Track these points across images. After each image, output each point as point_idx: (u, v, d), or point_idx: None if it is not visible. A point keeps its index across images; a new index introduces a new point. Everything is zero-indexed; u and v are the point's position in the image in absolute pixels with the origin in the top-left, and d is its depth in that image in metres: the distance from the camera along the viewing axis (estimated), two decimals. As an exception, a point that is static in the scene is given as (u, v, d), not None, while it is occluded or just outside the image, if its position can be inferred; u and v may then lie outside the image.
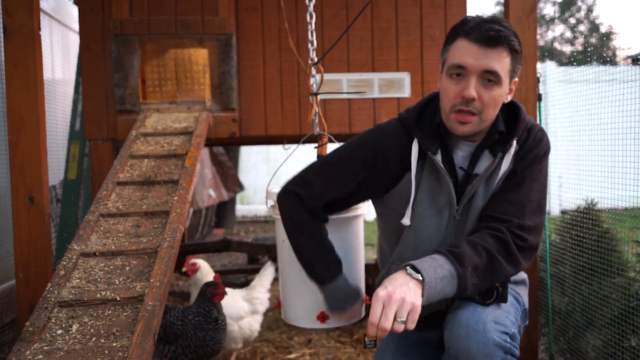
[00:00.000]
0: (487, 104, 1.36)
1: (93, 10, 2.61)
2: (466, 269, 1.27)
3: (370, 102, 2.76)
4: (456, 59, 1.36)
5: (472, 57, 1.33)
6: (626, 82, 2.07)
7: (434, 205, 1.46)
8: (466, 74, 1.35)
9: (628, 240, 2.19)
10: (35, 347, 1.28)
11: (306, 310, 1.76)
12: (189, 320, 2.15)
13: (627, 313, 1.96)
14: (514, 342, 1.32)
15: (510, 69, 1.37)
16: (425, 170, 1.46)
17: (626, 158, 2.06)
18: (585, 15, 16.19)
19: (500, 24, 1.34)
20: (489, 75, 1.33)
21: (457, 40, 1.37)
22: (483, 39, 1.32)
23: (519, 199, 1.40)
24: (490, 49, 1.32)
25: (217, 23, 2.61)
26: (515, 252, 1.35)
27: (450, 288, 1.27)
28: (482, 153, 1.46)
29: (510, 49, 1.34)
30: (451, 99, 1.38)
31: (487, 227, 1.37)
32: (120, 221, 1.80)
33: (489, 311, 1.33)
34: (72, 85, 3.41)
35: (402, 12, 2.77)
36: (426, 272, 1.25)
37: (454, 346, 1.30)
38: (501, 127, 1.46)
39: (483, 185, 1.44)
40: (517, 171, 1.43)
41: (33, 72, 2.11)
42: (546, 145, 1.47)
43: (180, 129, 2.35)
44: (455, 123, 1.39)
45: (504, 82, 1.36)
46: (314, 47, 2.00)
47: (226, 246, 4.46)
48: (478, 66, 1.33)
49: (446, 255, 1.29)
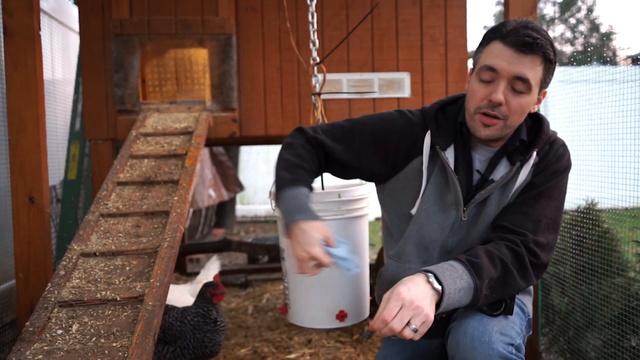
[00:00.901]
0: (514, 111, 1.33)
1: (93, 10, 2.61)
2: (483, 282, 1.25)
3: (370, 102, 2.76)
4: (489, 61, 1.33)
5: (505, 60, 1.31)
6: (626, 82, 2.07)
7: (440, 202, 1.44)
8: (496, 78, 1.33)
9: (628, 240, 2.19)
10: (36, 347, 1.28)
11: (323, 311, 1.75)
12: (188, 321, 2.14)
13: (627, 313, 1.96)
14: (519, 354, 1.29)
15: (542, 79, 1.35)
16: (437, 166, 1.44)
17: (626, 158, 2.06)
18: (585, 15, 16.20)
19: (539, 32, 1.31)
20: (519, 82, 1.31)
21: (492, 43, 1.34)
22: (518, 44, 1.29)
23: (534, 213, 1.37)
24: (524, 55, 1.30)
25: (217, 23, 2.61)
26: (529, 267, 1.33)
27: (466, 300, 1.25)
28: (501, 160, 1.43)
29: (545, 58, 1.32)
30: (478, 100, 1.35)
31: (503, 239, 1.35)
32: (120, 221, 1.80)
33: (495, 322, 1.30)
34: (72, 85, 3.40)
35: (402, 12, 2.77)
36: (447, 282, 1.22)
37: (458, 356, 1.28)
38: (523, 135, 1.42)
39: (497, 193, 1.42)
40: (535, 184, 1.41)
41: (33, 72, 2.11)
42: (567, 162, 1.44)
43: (180, 129, 2.35)
44: (479, 124, 1.37)
45: (533, 90, 1.33)
46: (316, 47, 2.00)
47: (226, 246, 4.47)
48: (510, 71, 1.30)
49: (465, 265, 1.26)
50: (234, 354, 2.67)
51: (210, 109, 2.61)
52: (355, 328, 2.91)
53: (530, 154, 1.40)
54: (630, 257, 2.15)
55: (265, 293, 3.86)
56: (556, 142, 1.45)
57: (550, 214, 1.39)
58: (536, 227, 1.36)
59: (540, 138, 1.42)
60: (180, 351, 2.11)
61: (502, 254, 1.30)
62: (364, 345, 2.73)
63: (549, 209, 1.40)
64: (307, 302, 1.77)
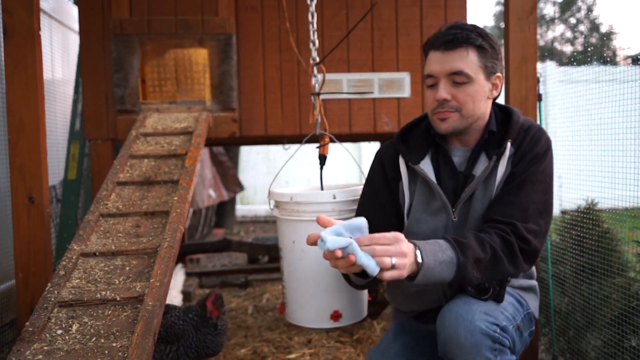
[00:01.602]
0: (463, 101, 1.45)
1: (93, 10, 2.61)
2: (468, 259, 1.28)
3: (370, 102, 2.76)
4: (426, 70, 1.49)
5: (437, 63, 1.45)
6: (626, 82, 2.07)
7: (429, 210, 1.51)
8: (437, 81, 1.46)
9: (628, 241, 2.19)
10: (35, 347, 1.28)
11: (317, 310, 1.75)
12: (189, 319, 2.14)
13: (628, 313, 1.96)
14: (504, 334, 1.32)
15: (481, 65, 1.44)
16: (419, 179, 1.53)
17: (626, 158, 2.06)
18: (585, 15, 16.20)
19: (461, 27, 1.44)
20: (456, 75, 1.43)
21: (428, 54, 1.49)
22: (442, 44, 1.43)
23: (520, 202, 1.41)
24: (451, 52, 1.43)
25: (217, 23, 2.60)
26: (518, 255, 1.36)
27: (449, 273, 1.28)
28: (479, 156, 1.50)
29: (474, 46, 1.43)
30: (430, 104, 1.49)
31: (494, 227, 1.38)
32: (120, 221, 1.80)
33: (482, 304, 1.35)
34: (72, 85, 3.40)
35: (402, 12, 2.77)
36: (426, 254, 1.25)
37: (444, 333, 1.33)
38: (492, 127, 1.51)
39: (481, 188, 1.47)
40: (516, 174, 1.45)
41: (33, 72, 2.11)
42: (546, 144, 1.48)
43: (180, 129, 2.35)
44: (437, 122, 1.49)
45: (476, 78, 1.44)
46: (315, 47, 2.00)
47: (226, 246, 4.46)
48: (443, 70, 1.44)
49: (449, 241, 1.31)
50: (234, 354, 2.67)
51: (210, 109, 2.61)
52: (355, 328, 2.91)
53: (504, 146, 1.45)
54: (630, 257, 2.15)
55: (265, 293, 3.86)
56: (531, 128, 1.50)
57: (537, 198, 1.43)
58: (525, 215, 1.40)
59: (511, 128, 1.48)
60: (183, 350, 2.11)
61: (492, 240, 1.34)
62: (364, 345, 2.73)
63: (536, 194, 1.43)
64: (303, 302, 1.78)
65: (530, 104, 2.24)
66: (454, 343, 1.30)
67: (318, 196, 1.74)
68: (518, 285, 1.55)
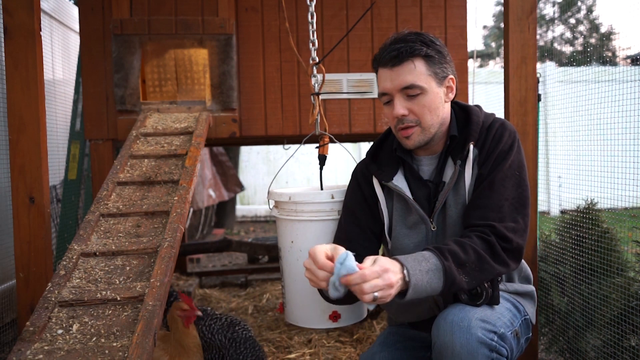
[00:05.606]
0: (420, 113, 1.46)
1: (93, 10, 2.61)
2: (451, 264, 1.27)
3: (370, 102, 2.76)
4: (379, 88, 1.50)
5: (388, 80, 1.46)
6: (626, 82, 2.08)
7: (408, 223, 1.52)
8: (391, 97, 1.47)
9: (628, 240, 2.19)
10: (36, 347, 1.28)
11: (316, 310, 1.76)
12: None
13: (627, 313, 1.96)
14: (502, 342, 1.30)
15: (430, 73, 1.45)
16: (395, 196, 1.54)
17: (626, 158, 2.06)
18: (585, 16, 16.19)
19: (403, 39, 1.45)
20: (408, 89, 1.44)
21: (379, 71, 1.51)
22: (388, 61, 1.45)
23: (493, 202, 1.40)
24: (398, 67, 1.44)
25: (217, 23, 2.61)
26: (501, 254, 1.35)
27: (437, 281, 1.26)
28: (447, 162, 1.50)
29: (420, 57, 1.43)
30: (391, 121, 1.51)
31: (474, 231, 1.38)
32: (121, 221, 1.81)
33: (477, 310, 1.33)
34: (72, 85, 3.41)
35: (402, 12, 2.77)
36: (410, 265, 1.24)
37: (439, 342, 1.30)
38: (454, 131, 1.51)
39: (452, 194, 1.47)
40: (485, 174, 1.44)
41: (33, 72, 2.11)
42: (510, 138, 1.46)
43: (181, 129, 2.35)
44: (403, 140, 1.51)
45: (428, 88, 1.44)
46: (315, 47, 2.00)
47: (226, 246, 4.47)
48: (394, 86, 1.45)
49: (432, 250, 1.30)
50: (234, 353, 2.67)
51: (210, 109, 2.62)
52: (355, 328, 2.91)
53: (467, 149, 1.45)
54: (630, 257, 2.15)
55: (265, 293, 3.86)
56: (492, 125, 1.49)
57: (510, 195, 1.41)
58: (501, 215, 1.38)
59: (471, 130, 1.47)
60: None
61: (472, 242, 1.33)
62: (364, 345, 2.73)
63: (507, 191, 1.41)
64: (302, 302, 1.78)
65: (530, 104, 2.24)
66: (449, 352, 1.27)
67: (316, 196, 1.74)
68: (514, 290, 1.53)
